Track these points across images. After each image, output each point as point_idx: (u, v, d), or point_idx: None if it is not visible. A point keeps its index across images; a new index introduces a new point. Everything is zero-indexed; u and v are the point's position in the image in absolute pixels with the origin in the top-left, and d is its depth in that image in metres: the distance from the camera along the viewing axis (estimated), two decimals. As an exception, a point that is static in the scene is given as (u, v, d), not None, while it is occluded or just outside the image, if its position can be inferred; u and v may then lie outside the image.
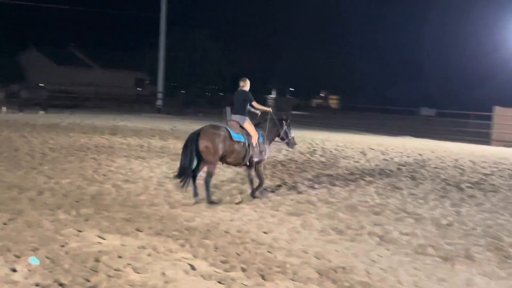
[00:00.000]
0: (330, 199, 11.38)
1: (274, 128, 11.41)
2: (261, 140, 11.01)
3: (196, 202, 10.20)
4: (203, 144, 10.12)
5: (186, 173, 10.11)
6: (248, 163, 10.91)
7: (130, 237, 7.87)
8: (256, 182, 11.14)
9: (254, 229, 8.69)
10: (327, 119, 45.23)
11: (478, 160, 20.21)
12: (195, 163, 10.22)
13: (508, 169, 17.96)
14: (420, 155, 20.92)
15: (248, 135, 10.72)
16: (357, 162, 17.80)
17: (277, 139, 11.68)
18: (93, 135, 21.25)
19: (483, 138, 31.07)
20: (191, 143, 10.15)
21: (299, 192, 11.97)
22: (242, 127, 10.74)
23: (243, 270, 6.76)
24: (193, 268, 6.72)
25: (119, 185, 11.62)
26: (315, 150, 20.42)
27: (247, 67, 62.64)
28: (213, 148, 10.14)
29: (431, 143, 28.13)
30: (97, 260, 6.77)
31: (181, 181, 10.19)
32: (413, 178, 14.88)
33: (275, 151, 19.71)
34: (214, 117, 39.08)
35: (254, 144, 10.75)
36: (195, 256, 7.18)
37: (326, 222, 9.40)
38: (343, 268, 7.04)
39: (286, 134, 11.59)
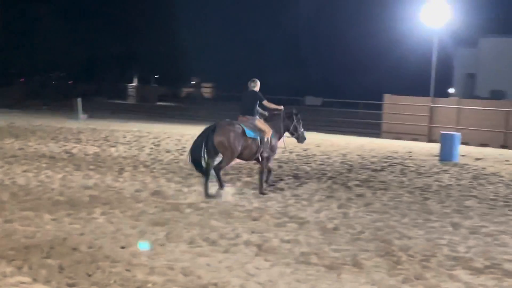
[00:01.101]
0: (201, 205, 11.41)
1: (284, 123, 13.20)
2: (271, 136, 12.71)
3: (211, 197, 11.81)
4: (217, 139, 11.91)
5: (196, 164, 11.97)
6: (259, 159, 12.72)
7: (-48, 261, 7.47)
8: (265, 172, 12.91)
9: (109, 244, 8.55)
10: (198, 111, 45.52)
11: (368, 155, 21.12)
12: (206, 157, 11.96)
13: (399, 164, 18.89)
14: (304, 150, 21.49)
15: (260, 131, 12.44)
16: (233, 160, 17.96)
17: (286, 133, 13.40)
18: None
19: (373, 129, 32.43)
20: (204, 138, 11.92)
21: (165, 198, 11.91)
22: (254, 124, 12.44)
23: (95, 293, 6.61)
24: (32, 294, 6.49)
25: None
26: (184, 147, 20.38)
27: (102, 51, 61.44)
28: (228, 144, 11.93)
29: (316, 136, 28.97)
30: None
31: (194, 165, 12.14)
32: (296, 177, 15.26)
33: (136, 149, 19.49)
34: (61, 110, 38.03)
35: (265, 140, 12.48)
36: (35, 280, 6.98)
37: (196, 232, 9.40)
38: (215, 284, 7.07)
39: (296, 128, 13.45)
